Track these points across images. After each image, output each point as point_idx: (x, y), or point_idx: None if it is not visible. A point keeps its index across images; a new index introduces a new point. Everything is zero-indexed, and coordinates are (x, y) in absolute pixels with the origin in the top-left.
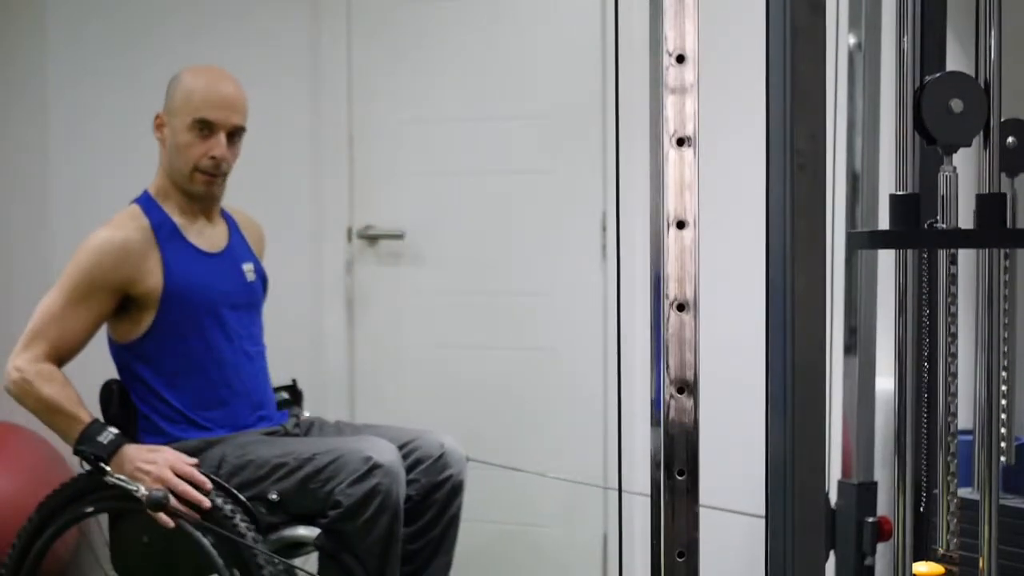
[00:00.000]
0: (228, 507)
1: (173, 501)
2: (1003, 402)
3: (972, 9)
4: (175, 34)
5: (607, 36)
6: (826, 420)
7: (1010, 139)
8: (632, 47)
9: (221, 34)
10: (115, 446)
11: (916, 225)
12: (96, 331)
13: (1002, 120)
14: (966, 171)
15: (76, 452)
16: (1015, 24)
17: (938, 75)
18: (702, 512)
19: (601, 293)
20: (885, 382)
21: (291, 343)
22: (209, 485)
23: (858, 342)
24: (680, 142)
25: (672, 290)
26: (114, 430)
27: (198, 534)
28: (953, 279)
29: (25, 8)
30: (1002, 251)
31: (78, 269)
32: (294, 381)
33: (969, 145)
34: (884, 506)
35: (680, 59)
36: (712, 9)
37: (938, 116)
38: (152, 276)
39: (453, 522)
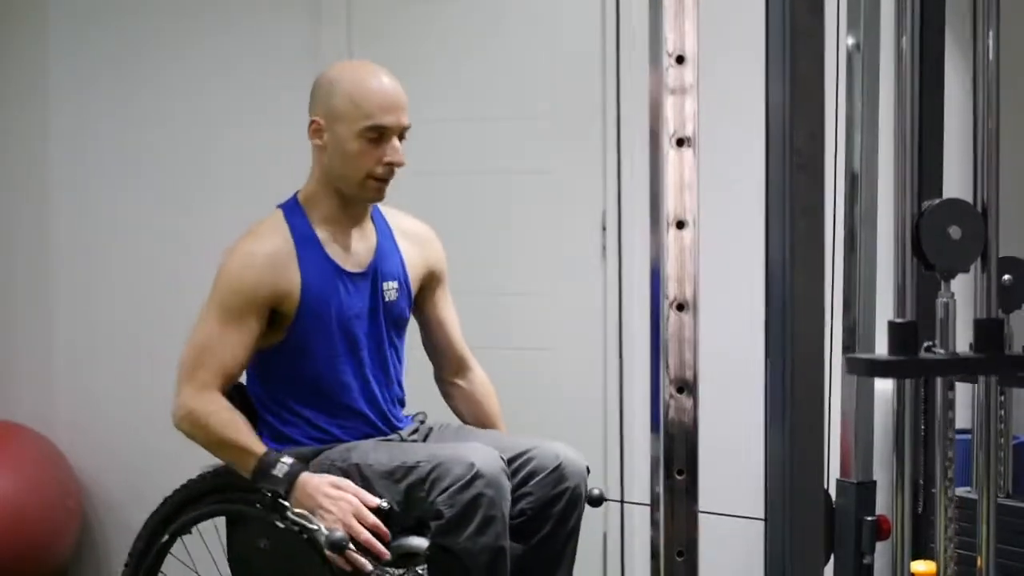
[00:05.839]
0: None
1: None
2: (1001, 398)
3: (970, 9)
4: (175, 35)
5: (607, 36)
6: (825, 419)
7: (1006, 276)
8: (632, 47)
9: (221, 35)
10: (292, 478)
11: (914, 352)
12: (254, 349)
13: (999, 257)
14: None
15: (256, 487)
16: (1013, 24)
17: (936, 202)
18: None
19: (601, 293)
20: (885, 382)
21: None
22: (389, 536)
23: (858, 342)
24: (680, 142)
25: (672, 290)
26: (288, 459)
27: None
28: (950, 404)
29: (27, 13)
30: None
31: (226, 289)
32: None
33: (967, 271)
34: (883, 505)
35: (680, 60)
36: (712, 9)
37: (936, 243)
38: (291, 291)
39: (572, 537)
